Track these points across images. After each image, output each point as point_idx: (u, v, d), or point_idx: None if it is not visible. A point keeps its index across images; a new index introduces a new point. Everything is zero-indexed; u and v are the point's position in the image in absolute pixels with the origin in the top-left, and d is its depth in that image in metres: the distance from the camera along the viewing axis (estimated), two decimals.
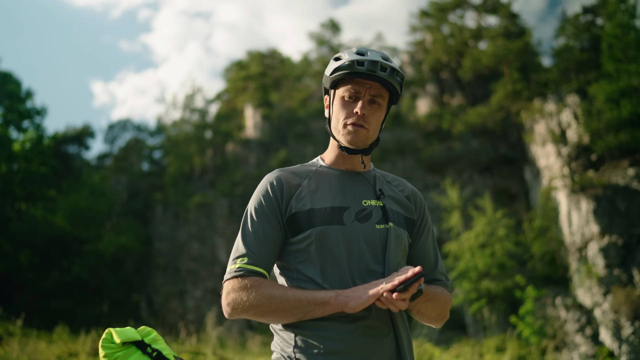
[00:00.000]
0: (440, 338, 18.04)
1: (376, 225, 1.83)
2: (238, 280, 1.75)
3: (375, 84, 1.86)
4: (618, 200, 16.15)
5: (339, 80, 1.89)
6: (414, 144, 26.98)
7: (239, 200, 28.02)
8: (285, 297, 1.69)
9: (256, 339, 15.82)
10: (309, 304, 1.68)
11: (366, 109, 1.85)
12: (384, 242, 1.82)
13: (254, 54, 38.57)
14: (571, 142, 19.99)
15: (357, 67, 1.81)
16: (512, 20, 27.40)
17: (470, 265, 17.96)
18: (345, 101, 1.88)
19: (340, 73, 1.85)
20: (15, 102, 27.63)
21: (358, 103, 1.85)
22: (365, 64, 1.81)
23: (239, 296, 1.73)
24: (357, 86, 1.86)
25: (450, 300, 1.95)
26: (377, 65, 1.81)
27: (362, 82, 1.85)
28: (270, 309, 1.70)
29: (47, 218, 26.21)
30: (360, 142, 1.87)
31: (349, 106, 1.87)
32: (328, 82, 1.91)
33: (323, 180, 1.90)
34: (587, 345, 14.18)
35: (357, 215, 1.83)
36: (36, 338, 11.88)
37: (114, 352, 1.71)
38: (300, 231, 1.80)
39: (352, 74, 1.83)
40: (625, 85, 17.94)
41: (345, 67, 1.83)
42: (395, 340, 1.78)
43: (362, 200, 1.87)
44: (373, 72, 1.80)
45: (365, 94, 1.86)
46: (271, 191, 1.86)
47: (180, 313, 25.86)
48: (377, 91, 1.87)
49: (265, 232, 1.81)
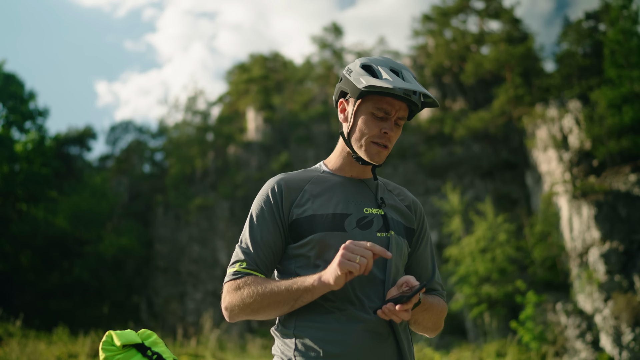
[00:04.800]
0: (440, 343, 18.02)
1: (377, 234, 1.83)
2: (233, 282, 1.78)
3: (404, 106, 1.84)
4: (619, 206, 16.13)
5: (369, 93, 1.83)
6: (416, 148, 26.98)
7: (240, 202, 28.03)
8: (276, 288, 1.70)
9: (256, 342, 15.80)
10: (298, 290, 1.68)
11: (392, 129, 1.85)
12: None
13: (257, 56, 38.64)
14: (573, 148, 19.99)
15: (396, 90, 1.76)
16: (515, 25, 27.42)
17: (470, 270, 17.95)
18: (374, 117, 1.85)
19: (376, 91, 1.79)
20: (18, 103, 27.70)
21: (387, 123, 1.84)
22: (403, 90, 1.77)
23: (233, 297, 1.76)
24: (388, 106, 1.83)
25: (445, 310, 1.95)
26: (415, 92, 1.80)
27: (394, 102, 1.83)
28: (264, 304, 1.71)
29: (48, 219, 26.23)
30: (380, 160, 1.88)
31: (377, 124, 1.84)
32: (356, 92, 1.84)
33: (325, 187, 1.90)
34: (587, 352, 14.15)
35: (359, 222, 1.83)
36: (36, 339, 11.88)
37: (114, 354, 1.72)
38: (302, 237, 1.81)
39: (386, 94, 1.80)
40: (627, 91, 17.96)
41: (384, 88, 1.77)
42: (396, 344, 1.78)
43: (363, 208, 1.87)
44: (408, 97, 1.78)
45: (395, 115, 1.85)
46: (272, 197, 1.86)
47: (181, 315, 25.85)
48: (404, 113, 1.86)
49: (264, 237, 1.82)
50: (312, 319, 1.74)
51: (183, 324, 23.19)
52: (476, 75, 26.41)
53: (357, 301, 1.74)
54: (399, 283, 1.71)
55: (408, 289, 1.67)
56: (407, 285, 1.69)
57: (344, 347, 1.69)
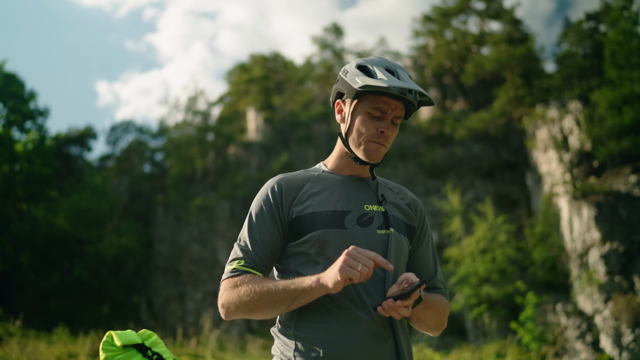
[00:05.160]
0: (440, 343, 18.00)
1: (377, 231, 1.84)
2: (230, 280, 1.79)
3: (400, 105, 1.86)
4: (619, 207, 16.13)
5: (365, 93, 1.85)
6: (416, 149, 26.98)
7: (240, 203, 28.04)
8: (274, 287, 1.70)
9: (256, 342, 15.80)
10: (295, 291, 1.68)
11: (389, 128, 1.86)
12: (384, 247, 1.83)
13: (257, 57, 38.65)
14: (573, 149, 19.99)
15: (392, 89, 1.78)
16: (515, 26, 27.42)
17: (470, 271, 17.94)
18: (370, 117, 1.86)
19: (372, 90, 1.81)
20: (18, 103, 27.72)
21: (383, 122, 1.85)
22: (399, 89, 1.78)
23: (230, 295, 1.77)
24: (385, 106, 1.84)
25: (448, 308, 1.95)
26: (410, 90, 1.81)
27: (390, 101, 1.84)
28: (260, 303, 1.72)
29: (49, 219, 26.24)
30: (378, 159, 1.89)
31: (374, 123, 1.86)
32: (352, 92, 1.86)
33: (325, 185, 1.91)
34: (587, 352, 14.15)
35: (359, 219, 1.83)
36: (36, 339, 11.88)
37: (114, 354, 1.72)
38: (302, 234, 1.81)
39: (382, 93, 1.81)
40: (628, 92, 17.96)
41: (380, 87, 1.79)
42: (395, 345, 1.78)
43: (363, 205, 1.88)
44: (404, 95, 1.80)
45: (391, 114, 1.86)
46: (271, 196, 1.87)
47: (180, 315, 25.86)
48: (400, 112, 1.87)
49: (263, 236, 1.83)
50: (312, 319, 1.75)
51: (183, 324, 23.20)
52: (476, 76, 26.41)
53: (358, 298, 1.74)
54: (400, 280, 1.71)
55: (408, 285, 1.68)
56: (408, 282, 1.69)
57: (344, 347, 1.70)
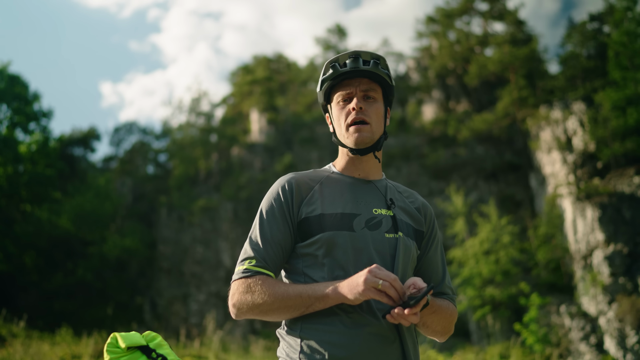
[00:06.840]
0: (444, 345, 17.96)
1: (385, 234, 1.84)
2: (243, 281, 1.78)
3: (363, 80, 1.90)
4: (624, 209, 16.09)
5: (330, 91, 1.94)
6: (419, 150, 26.96)
7: (243, 204, 28.05)
8: (287, 293, 1.71)
9: (259, 344, 15.79)
10: (310, 298, 1.69)
11: (362, 103, 1.88)
12: (392, 251, 1.82)
13: (260, 58, 38.70)
14: (577, 150, 19.94)
15: (340, 69, 1.86)
16: (519, 26, 27.40)
17: (474, 272, 17.91)
18: (341, 105, 1.92)
19: (329, 82, 1.91)
20: (22, 104, 27.78)
21: (352, 102, 1.89)
22: (348, 64, 1.86)
23: (243, 296, 1.76)
24: (346, 88, 1.90)
25: (455, 314, 1.94)
26: (359, 61, 1.86)
27: (350, 81, 1.90)
28: (274, 307, 1.72)
29: (52, 220, 26.29)
30: (367, 139, 1.89)
31: (345, 108, 1.91)
32: (322, 97, 1.97)
33: (335, 187, 1.91)
34: (591, 354, 14.10)
35: (367, 222, 1.83)
36: (39, 340, 11.91)
37: (119, 356, 1.72)
38: (310, 235, 1.81)
39: (337, 78, 1.88)
40: (632, 93, 17.92)
41: (330, 75, 1.89)
42: (401, 348, 1.77)
43: (372, 209, 1.88)
44: (356, 68, 1.85)
45: (357, 91, 1.89)
46: (282, 195, 1.87)
47: (184, 316, 25.86)
48: (367, 86, 1.90)
49: (274, 235, 1.83)
50: (318, 322, 1.74)
51: (186, 325, 23.20)
52: (480, 77, 26.38)
53: (365, 303, 1.73)
54: (407, 285, 1.70)
55: (415, 290, 1.67)
56: (415, 287, 1.68)
57: (350, 350, 1.69)
